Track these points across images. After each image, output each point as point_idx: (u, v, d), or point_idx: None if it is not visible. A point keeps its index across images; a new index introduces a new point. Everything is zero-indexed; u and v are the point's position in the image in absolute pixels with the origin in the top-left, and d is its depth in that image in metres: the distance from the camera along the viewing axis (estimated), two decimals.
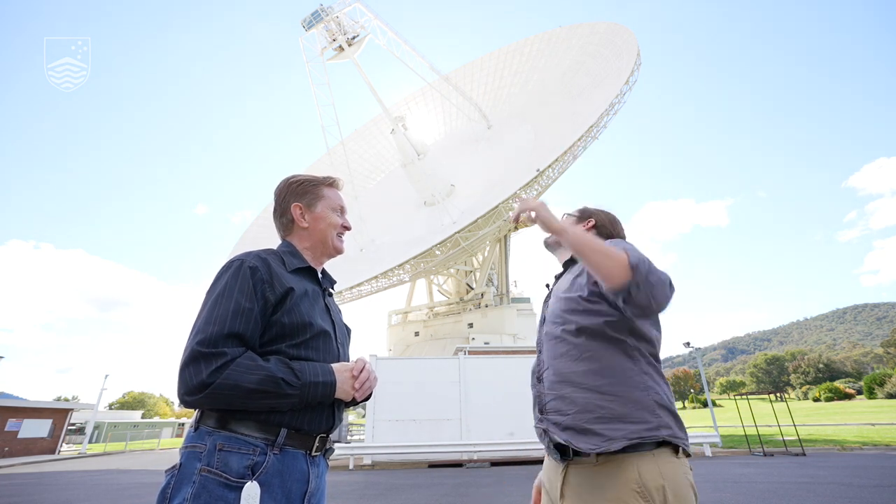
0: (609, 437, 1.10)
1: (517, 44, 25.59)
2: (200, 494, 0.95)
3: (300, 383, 1.06)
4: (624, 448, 1.08)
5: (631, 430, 1.10)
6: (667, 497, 1.03)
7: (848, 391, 67.48)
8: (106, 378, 27.44)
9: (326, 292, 1.37)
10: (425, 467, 12.12)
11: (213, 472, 0.98)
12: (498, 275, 24.72)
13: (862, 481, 7.26)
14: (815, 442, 16.44)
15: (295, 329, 1.14)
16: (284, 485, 1.04)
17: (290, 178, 1.41)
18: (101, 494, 8.26)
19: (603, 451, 1.09)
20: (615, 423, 1.12)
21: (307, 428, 1.12)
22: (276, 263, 1.22)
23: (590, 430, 1.13)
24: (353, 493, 7.59)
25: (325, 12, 19.24)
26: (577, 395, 1.18)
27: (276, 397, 1.02)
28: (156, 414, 76.92)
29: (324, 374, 1.11)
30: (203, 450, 1.01)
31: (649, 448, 1.09)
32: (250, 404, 1.02)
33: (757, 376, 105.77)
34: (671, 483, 1.05)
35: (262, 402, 1.02)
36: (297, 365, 1.08)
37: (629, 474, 1.06)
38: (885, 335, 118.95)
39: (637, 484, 1.05)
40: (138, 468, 15.01)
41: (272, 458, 1.04)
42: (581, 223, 1.55)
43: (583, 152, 19.12)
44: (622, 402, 1.14)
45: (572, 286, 1.34)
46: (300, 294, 1.19)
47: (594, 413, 1.14)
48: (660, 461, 1.08)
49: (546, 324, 1.39)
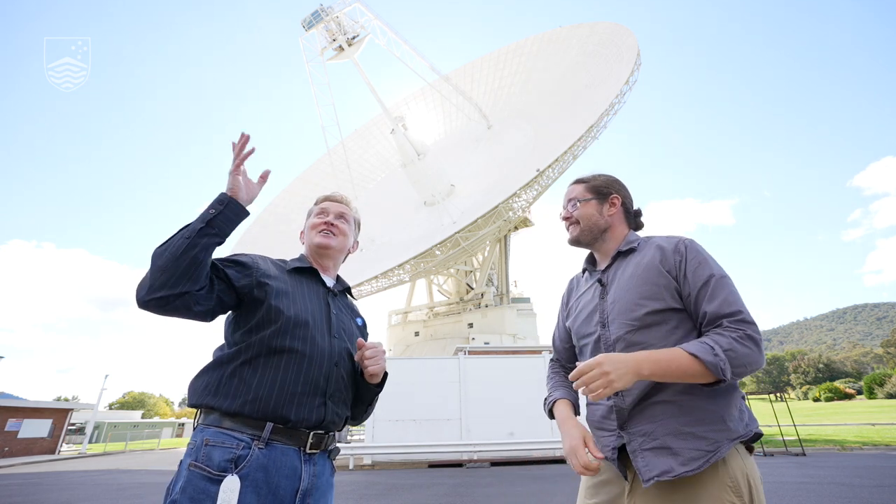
0: (714, 439, 1.07)
1: (517, 44, 25.59)
2: (187, 488, 1.00)
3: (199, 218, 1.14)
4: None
5: (732, 430, 1.09)
6: (750, 485, 1.06)
7: (848, 391, 67.43)
8: (106, 378, 27.49)
9: (331, 292, 1.43)
10: (425, 467, 12.12)
11: (199, 466, 1.03)
12: (498, 275, 24.71)
13: (862, 481, 7.26)
14: (815, 442, 16.45)
15: (278, 315, 1.21)
16: (270, 479, 1.06)
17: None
18: (101, 494, 8.26)
19: (711, 462, 1.04)
20: (716, 424, 1.09)
21: (294, 419, 1.13)
22: (272, 263, 1.37)
23: (690, 434, 1.08)
24: (353, 493, 7.59)
25: (325, 12, 19.24)
26: (672, 399, 1.12)
27: (187, 230, 1.10)
28: (156, 414, 76.92)
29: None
30: (195, 445, 1.07)
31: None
32: (179, 255, 1.06)
33: (757, 376, 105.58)
34: (751, 471, 1.09)
35: (181, 242, 1.07)
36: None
37: (720, 472, 1.06)
38: (885, 335, 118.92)
39: (729, 479, 1.05)
40: (138, 468, 15.02)
41: (256, 452, 1.07)
42: (604, 204, 1.43)
43: (583, 152, 19.11)
44: (716, 401, 1.12)
45: (643, 284, 1.24)
46: (286, 288, 1.29)
47: (692, 416, 1.10)
48: (740, 452, 1.10)
49: (612, 325, 1.24)
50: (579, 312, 1.39)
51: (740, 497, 1.04)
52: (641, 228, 1.49)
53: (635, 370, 1.07)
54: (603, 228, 1.41)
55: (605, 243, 1.41)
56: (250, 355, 1.16)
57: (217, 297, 1.16)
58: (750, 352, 1.07)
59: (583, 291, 1.44)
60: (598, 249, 1.44)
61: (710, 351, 1.05)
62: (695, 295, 1.17)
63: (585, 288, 1.43)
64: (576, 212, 1.43)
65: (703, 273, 1.18)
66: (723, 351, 1.05)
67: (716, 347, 1.05)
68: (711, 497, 1.03)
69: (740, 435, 1.09)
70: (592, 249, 1.46)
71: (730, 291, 1.15)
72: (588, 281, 1.44)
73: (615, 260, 1.37)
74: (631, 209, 1.47)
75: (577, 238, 1.44)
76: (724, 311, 1.11)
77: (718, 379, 1.05)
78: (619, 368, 1.07)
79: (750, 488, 1.06)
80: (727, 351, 1.05)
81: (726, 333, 1.08)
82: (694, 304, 1.17)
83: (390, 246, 21.50)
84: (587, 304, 1.37)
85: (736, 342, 1.06)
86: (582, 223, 1.42)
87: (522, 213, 21.88)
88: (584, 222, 1.42)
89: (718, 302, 1.13)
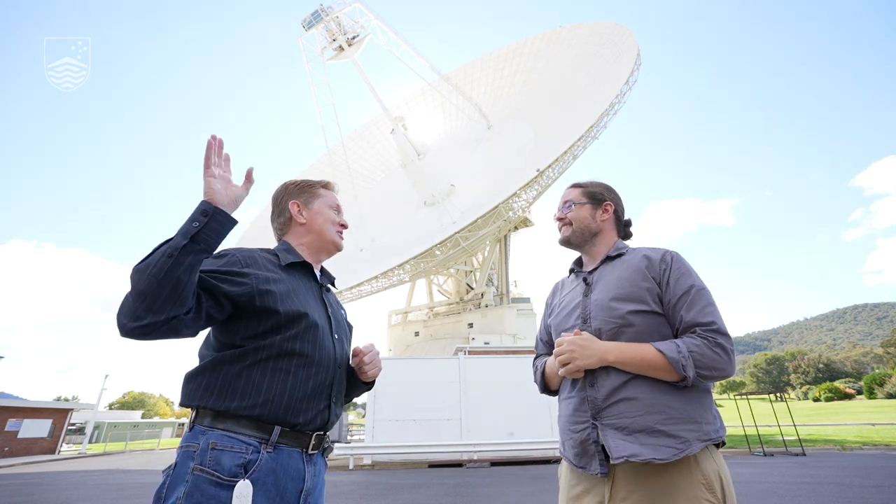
0: (685, 438, 1.11)
1: (517, 44, 25.58)
2: (193, 493, 0.95)
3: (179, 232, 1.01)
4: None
5: (704, 431, 1.14)
6: (722, 481, 1.12)
7: (848, 391, 67.44)
8: (106, 378, 27.49)
9: (325, 288, 1.39)
10: (425, 467, 12.12)
11: (206, 470, 0.98)
12: (498, 275, 24.71)
13: (862, 481, 7.26)
14: (815, 442, 16.44)
15: (289, 321, 1.15)
16: (278, 483, 1.04)
17: (288, 182, 1.47)
18: (101, 494, 8.26)
19: (684, 456, 1.09)
20: (688, 423, 1.13)
21: (302, 422, 1.12)
22: (263, 259, 1.25)
23: (662, 432, 1.11)
24: (353, 493, 7.58)
25: (325, 12, 19.23)
26: (646, 396, 1.16)
27: (168, 247, 0.96)
28: (156, 414, 76.87)
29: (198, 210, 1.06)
30: (196, 449, 1.01)
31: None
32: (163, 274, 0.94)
33: (757, 376, 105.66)
34: (721, 469, 1.14)
35: (163, 259, 0.95)
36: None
37: (693, 470, 1.11)
38: (885, 335, 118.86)
39: (703, 476, 1.10)
40: (138, 468, 15.01)
41: (265, 456, 1.04)
42: (598, 209, 1.48)
43: (583, 152, 19.10)
44: (690, 402, 1.16)
45: (628, 286, 1.29)
46: (290, 289, 1.22)
47: (664, 413, 1.13)
48: (712, 451, 1.17)
49: (594, 321, 1.30)
50: (562, 309, 1.44)
51: (713, 493, 1.09)
52: (629, 238, 1.55)
53: (601, 355, 1.20)
54: (594, 232, 1.48)
55: (595, 247, 1.48)
56: (259, 357, 1.11)
57: (206, 315, 1.07)
58: (718, 357, 1.14)
59: (567, 291, 1.49)
60: (587, 252, 1.50)
61: (675, 349, 1.15)
62: (675, 302, 1.24)
63: (570, 288, 1.48)
64: (570, 213, 1.50)
65: (685, 283, 1.25)
66: (688, 351, 1.14)
67: (682, 347, 1.15)
68: (687, 496, 1.08)
69: (710, 438, 1.14)
70: (581, 252, 1.53)
71: (708, 303, 1.22)
72: (573, 281, 1.50)
73: (603, 263, 1.43)
74: (622, 218, 1.54)
75: (568, 238, 1.50)
76: (699, 320, 1.19)
77: (682, 376, 1.13)
78: (587, 350, 1.21)
79: (722, 485, 1.12)
80: (693, 352, 1.14)
81: (697, 339, 1.16)
82: (673, 311, 1.24)
83: (390, 246, 21.50)
84: (570, 301, 1.42)
85: (705, 347, 1.14)
86: (574, 225, 1.48)
87: (522, 213, 21.89)
88: (577, 224, 1.48)
89: (696, 311, 1.20)
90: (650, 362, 1.15)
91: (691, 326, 1.19)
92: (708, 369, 1.13)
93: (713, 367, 1.13)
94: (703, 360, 1.13)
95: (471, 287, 24.48)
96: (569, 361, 1.22)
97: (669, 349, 1.14)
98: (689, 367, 1.12)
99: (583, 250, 1.51)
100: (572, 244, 1.50)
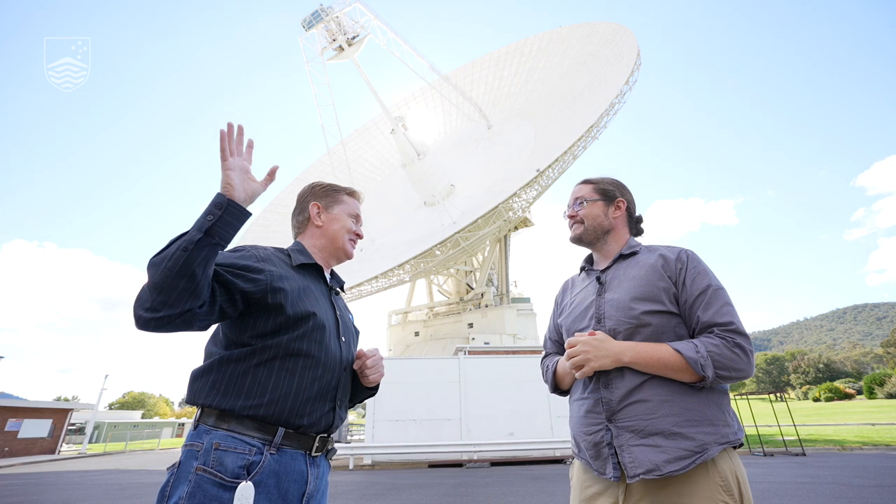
0: (702, 441, 1.09)
1: (517, 44, 25.59)
2: (195, 493, 0.95)
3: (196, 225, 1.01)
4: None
5: (722, 434, 1.11)
6: (739, 482, 1.10)
7: (848, 391, 67.40)
8: (106, 378, 27.49)
9: (333, 291, 1.40)
10: (425, 467, 12.11)
11: (209, 471, 0.98)
12: (498, 275, 24.71)
13: (862, 481, 7.26)
14: (815, 442, 16.44)
15: (297, 320, 1.16)
16: (281, 485, 1.04)
17: (315, 182, 1.51)
18: (101, 494, 8.26)
19: (698, 463, 1.07)
20: (705, 426, 1.11)
21: (306, 424, 1.12)
22: (277, 257, 1.26)
23: (679, 434, 1.09)
24: (353, 493, 7.58)
25: (325, 12, 19.24)
26: (662, 398, 1.14)
27: (183, 241, 0.96)
28: (156, 414, 76.84)
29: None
30: (200, 448, 1.01)
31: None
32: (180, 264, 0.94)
33: (757, 376, 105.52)
34: (739, 471, 1.12)
35: (179, 253, 0.95)
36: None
37: (711, 472, 1.09)
38: (885, 335, 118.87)
39: (720, 478, 1.08)
40: (138, 468, 15.01)
41: (269, 457, 1.04)
42: (610, 206, 1.45)
43: (583, 152, 19.12)
44: (707, 403, 1.14)
45: (644, 285, 1.27)
46: (300, 288, 1.22)
47: (681, 416, 1.11)
48: (729, 452, 1.14)
49: (609, 321, 1.26)
50: (573, 308, 1.40)
51: (731, 495, 1.07)
52: (641, 235, 1.51)
53: (616, 356, 1.16)
54: (606, 230, 1.44)
55: (607, 245, 1.44)
56: (266, 357, 1.11)
57: (219, 309, 1.07)
58: (737, 357, 1.12)
59: (578, 290, 1.45)
60: (599, 250, 1.46)
61: (693, 349, 1.12)
62: (691, 302, 1.21)
63: (582, 286, 1.44)
64: (581, 211, 1.45)
65: (702, 282, 1.22)
66: (707, 351, 1.11)
67: (700, 346, 1.12)
68: (704, 497, 1.06)
69: (728, 441, 1.12)
70: (593, 249, 1.48)
71: (725, 303, 1.20)
72: (585, 280, 1.45)
73: (616, 262, 1.39)
74: (634, 215, 1.50)
75: (580, 236, 1.46)
76: (717, 321, 1.16)
77: (700, 377, 1.10)
78: (601, 350, 1.17)
79: (739, 486, 1.10)
80: (711, 352, 1.11)
81: (716, 339, 1.14)
82: (689, 311, 1.21)
83: (390, 246, 21.50)
84: (582, 300, 1.38)
85: (723, 347, 1.12)
86: (586, 222, 1.44)
87: (522, 213, 21.88)
88: (589, 222, 1.44)
89: (713, 311, 1.18)
90: (667, 363, 1.13)
91: (709, 326, 1.16)
92: (727, 370, 1.11)
93: (732, 367, 1.11)
94: (722, 361, 1.11)
95: (471, 287, 24.49)
96: (583, 363, 1.19)
97: (687, 349, 1.12)
98: (708, 367, 1.09)
99: (595, 248, 1.47)
100: (584, 242, 1.46)
